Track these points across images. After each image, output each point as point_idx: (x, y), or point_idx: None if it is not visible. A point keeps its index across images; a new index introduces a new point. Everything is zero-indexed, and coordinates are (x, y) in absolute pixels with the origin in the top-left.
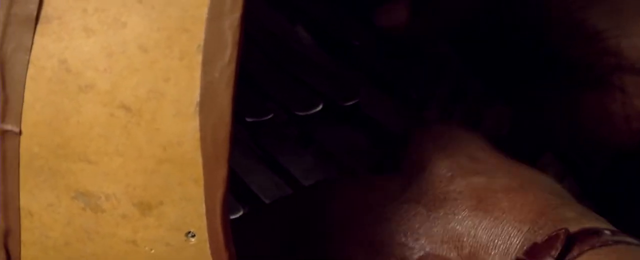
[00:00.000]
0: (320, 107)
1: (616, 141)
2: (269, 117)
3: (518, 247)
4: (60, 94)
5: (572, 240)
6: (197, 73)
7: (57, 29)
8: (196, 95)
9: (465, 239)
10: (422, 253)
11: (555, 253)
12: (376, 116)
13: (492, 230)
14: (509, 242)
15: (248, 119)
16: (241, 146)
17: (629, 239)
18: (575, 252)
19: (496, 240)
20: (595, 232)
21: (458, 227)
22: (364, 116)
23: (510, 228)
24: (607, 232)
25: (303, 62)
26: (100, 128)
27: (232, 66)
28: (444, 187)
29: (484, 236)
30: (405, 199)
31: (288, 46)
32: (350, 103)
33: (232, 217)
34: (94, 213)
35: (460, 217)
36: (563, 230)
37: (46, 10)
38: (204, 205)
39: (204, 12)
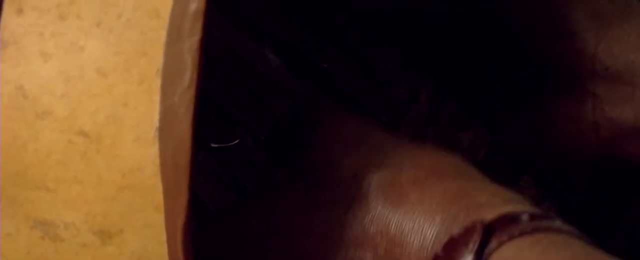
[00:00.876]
0: None
1: (584, 151)
2: (235, 142)
3: (433, 239)
4: (18, 120)
5: (490, 231)
6: (157, 97)
7: (14, 54)
8: (155, 120)
9: (379, 239)
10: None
11: (473, 247)
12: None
13: (404, 224)
14: (422, 235)
15: (213, 145)
16: (207, 173)
17: (547, 223)
18: (493, 243)
19: (409, 235)
20: (513, 219)
21: (371, 227)
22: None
23: (421, 220)
24: (524, 217)
25: (270, 84)
26: (59, 155)
27: (192, 90)
28: (353, 187)
29: (397, 232)
30: (314, 205)
31: (255, 68)
32: None
33: None
34: (53, 242)
35: (370, 215)
36: (479, 221)
37: (2, 35)
38: (164, 233)
39: (162, 35)
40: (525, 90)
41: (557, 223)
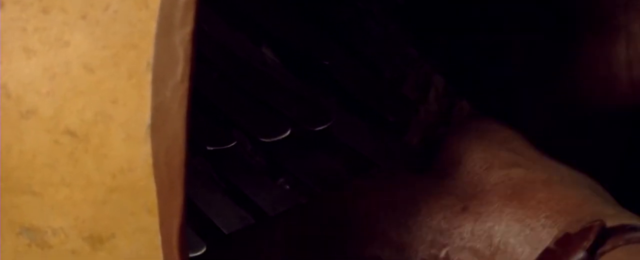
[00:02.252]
0: (288, 133)
1: (616, 93)
2: (232, 145)
3: (550, 239)
4: (1, 121)
5: (607, 234)
6: (147, 93)
7: None
8: (147, 117)
9: (496, 230)
10: (448, 250)
11: (587, 244)
12: (349, 142)
13: (526, 220)
14: (542, 232)
15: (209, 148)
16: (203, 178)
17: None
18: (608, 245)
19: (528, 232)
20: (633, 228)
21: (488, 220)
22: (336, 142)
23: (545, 219)
24: None
25: (268, 84)
26: (45, 157)
27: (185, 84)
28: (479, 178)
29: (516, 226)
30: (437, 193)
31: (252, 68)
32: (321, 128)
33: (194, 254)
34: (40, 249)
35: (492, 208)
36: (598, 222)
37: None
38: (159, 237)
39: (152, 26)
40: (549, 42)
41: None
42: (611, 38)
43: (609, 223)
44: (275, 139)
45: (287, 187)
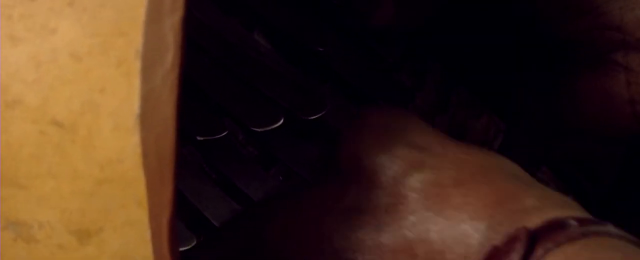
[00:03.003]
0: (281, 122)
1: (620, 128)
2: (224, 134)
3: (477, 247)
4: None
5: (534, 238)
6: (136, 81)
7: None
8: (136, 106)
9: (418, 247)
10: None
11: (517, 257)
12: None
13: (446, 232)
14: (466, 243)
15: (200, 138)
16: (193, 169)
17: (598, 228)
18: (539, 252)
19: (452, 244)
20: (560, 225)
21: (408, 233)
22: (331, 131)
23: (465, 227)
24: (573, 222)
25: (261, 71)
26: (31, 148)
27: (175, 72)
28: (389, 189)
29: (438, 240)
30: (346, 208)
31: (243, 54)
32: (316, 117)
33: (185, 248)
34: (26, 244)
35: (409, 221)
36: (522, 230)
37: None
38: (149, 230)
39: (141, 13)
40: (546, 71)
41: (610, 227)
42: (610, 75)
43: (533, 221)
44: (268, 128)
45: (280, 177)
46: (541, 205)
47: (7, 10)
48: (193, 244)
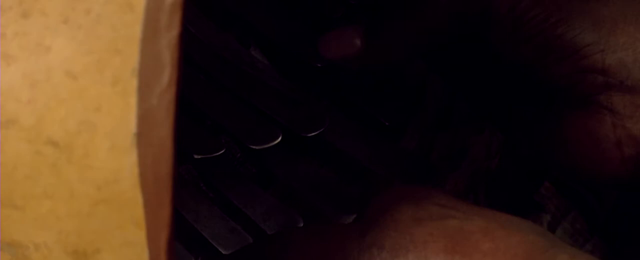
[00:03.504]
0: (279, 139)
1: (608, 171)
2: (221, 153)
3: None
4: None
5: None
6: (133, 100)
7: None
8: (133, 126)
9: None
10: None
11: None
12: (344, 148)
13: None
14: None
15: (197, 156)
16: (190, 188)
17: None
18: None
19: None
20: None
21: None
22: (330, 148)
23: None
24: None
25: (258, 88)
26: (26, 168)
27: (172, 90)
28: (411, 229)
29: None
30: (365, 246)
31: (240, 70)
32: (315, 133)
33: None
34: None
35: None
36: None
37: None
38: (147, 251)
39: (137, 30)
40: (536, 108)
41: None
42: (596, 117)
43: None
44: (266, 145)
45: (278, 197)
46: (569, 258)
47: (0, 28)
48: None
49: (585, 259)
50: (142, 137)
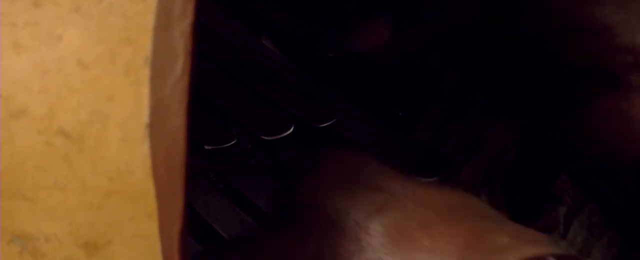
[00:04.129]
0: (291, 130)
1: (635, 152)
2: (232, 144)
3: None
4: None
5: None
6: (145, 90)
7: None
8: (145, 116)
9: None
10: None
11: None
12: (356, 139)
13: None
14: None
15: (207, 147)
16: (200, 179)
17: None
18: None
19: None
20: None
21: None
22: (343, 139)
23: None
24: (551, 259)
25: (270, 78)
26: (37, 159)
27: (185, 80)
28: (352, 235)
29: None
30: (308, 259)
31: (251, 60)
32: (327, 124)
33: None
34: (33, 258)
35: None
36: None
37: None
38: (159, 243)
39: (150, 20)
40: (560, 92)
41: None
42: (624, 96)
43: (510, 259)
44: (278, 136)
45: None
46: (515, 243)
47: (11, 17)
48: None
49: (528, 237)
50: (155, 127)
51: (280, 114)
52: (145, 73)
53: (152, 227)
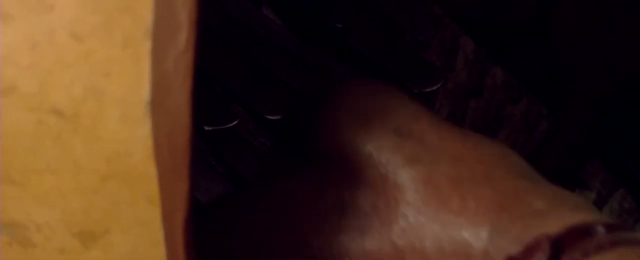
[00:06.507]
0: None
1: None
2: (233, 124)
3: (480, 257)
4: None
5: (558, 247)
6: (146, 64)
7: None
8: (146, 93)
9: (409, 256)
10: None
11: None
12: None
13: (443, 240)
14: (466, 253)
15: (207, 128)
16: (199, 162)
17: (628, 235)
18: None
19: (450, 254)
20: (586, 232)
21: (398, 240)
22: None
23: (465, 234)
24: (600, 228)
25: (271, 51)
26: (27, 140)
27: (190, 53)
28: (376, 186)
29: (433, 249)
30: (326, 208)
31: (251, 32)
32: None
33: None
34: (23, 248)
35: (399, 226)
36: (544, 238)
37: None
38: (162, 230)
39: None
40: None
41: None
42: None
43: (551, 226)
44: (281, 115)
45: None
46: (554, 208)
47: None
48: None
49: (568, 201)
50: (157, 105)
51: (284, 91)
52: (146, 46)
53: (153, 214)
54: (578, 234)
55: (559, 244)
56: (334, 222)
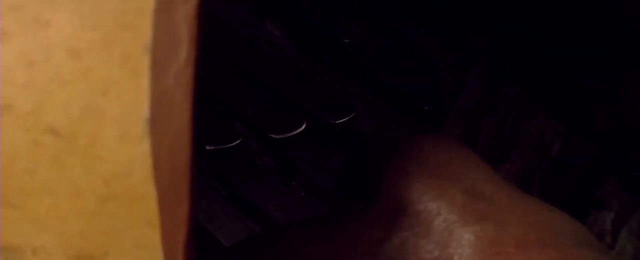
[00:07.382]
0: (303, 127)
1: None
2: (236, 143)
3: None
4: None
5: None
6: (145, 81)
7: None
8: (145, 111)
9: None
10: None
11: None
12: (377, 136)
13: None
14: None
15: (208, 147)
16: (200, 183)
17: None
18: None
19: None
20: None
21: None
22: (362, 136)
23: None
24: None
25: (276, 68)
26: (24, 160)
27: (190, 69)
28: (440, 240)
29: None
30: (384, 253)
31: (255, 48)
32: (343, 120)
33: None
34: None
35: None
36: None
37: None
38: (162, 254)
39: (149, 2)
40: (608, 74)
41: None
42: None
43: None
44: (288, 134)
45: (302, 193)
46: None
47: None
48: None
49: None
50: (156, 123)
51: (290, 109)
52: (145, 62)
53: (153, 236)
54: None
55: None
56: None
